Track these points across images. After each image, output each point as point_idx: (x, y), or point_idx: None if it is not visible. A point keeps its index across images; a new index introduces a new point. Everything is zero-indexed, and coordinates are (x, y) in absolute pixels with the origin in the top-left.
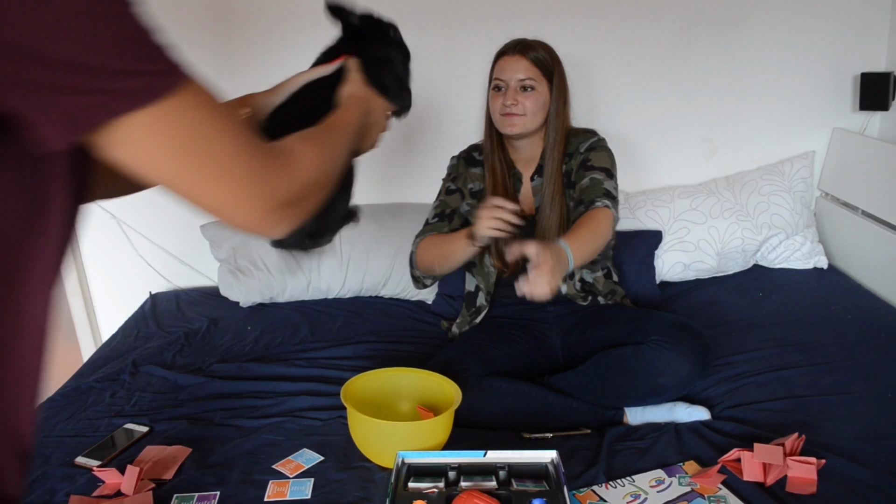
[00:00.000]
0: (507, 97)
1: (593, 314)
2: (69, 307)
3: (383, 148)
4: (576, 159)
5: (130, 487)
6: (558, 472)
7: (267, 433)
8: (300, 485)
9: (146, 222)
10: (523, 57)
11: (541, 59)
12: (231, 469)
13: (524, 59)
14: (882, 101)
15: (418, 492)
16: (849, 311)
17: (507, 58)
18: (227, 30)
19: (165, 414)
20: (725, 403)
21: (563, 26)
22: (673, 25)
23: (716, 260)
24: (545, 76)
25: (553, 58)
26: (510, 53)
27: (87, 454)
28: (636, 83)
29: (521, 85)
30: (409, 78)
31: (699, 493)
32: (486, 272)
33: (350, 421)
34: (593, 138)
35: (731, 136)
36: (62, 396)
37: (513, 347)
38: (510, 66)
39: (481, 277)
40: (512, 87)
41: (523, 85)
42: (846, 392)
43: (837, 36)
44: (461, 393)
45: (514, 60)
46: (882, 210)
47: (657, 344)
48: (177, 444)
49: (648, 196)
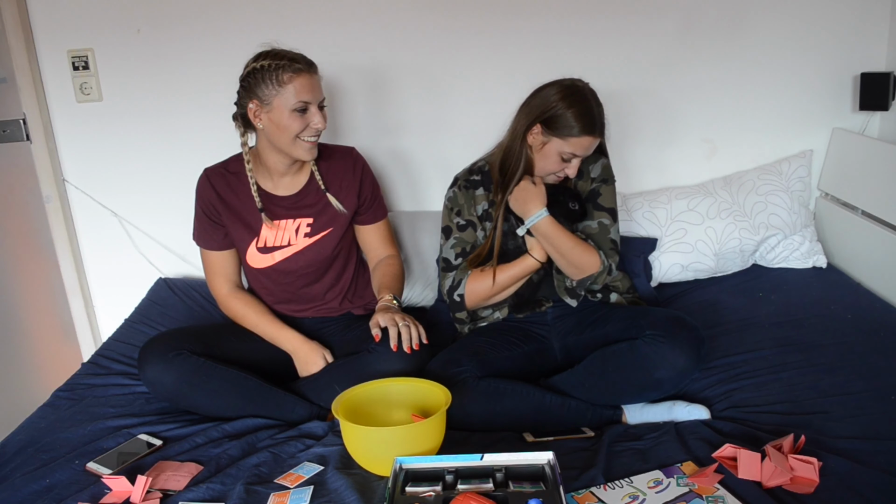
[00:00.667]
0: (570, 169)
1: (590, 315)
2: (69, 307)
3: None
4: (585, 182)
5: (139, 496)
6: (555, 473)
7: (270, 446)
8: (300, 493)
9: (147, 220)
10: (601, 137)
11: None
12: (235, 481)
13: (600, 139)
14: (882, 101)
15: (416, 496)
16: (848, 310)
17: (590, 140)
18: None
19: (171, 418)
20: (724, 403)
21: (563, 26)
22: (673, 25)
23: (714, 260)
24: None
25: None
26: (595, 135)
27: (99, 461)
28: (636, 83)
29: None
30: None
31: (697, 494)
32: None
33: (344, 433)
34: (603, 161)
35: (730, 137)
36: (62, 397)
37: (511, 350)
38: (591, 146)
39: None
40: (580, 160)
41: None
42: (846, 392)
43: (837, 36)
44: (451, 395)
45: (595, 142)
46: (882, 210)
47: (652, 338)
48: (189, 459)
49: (645, 197)
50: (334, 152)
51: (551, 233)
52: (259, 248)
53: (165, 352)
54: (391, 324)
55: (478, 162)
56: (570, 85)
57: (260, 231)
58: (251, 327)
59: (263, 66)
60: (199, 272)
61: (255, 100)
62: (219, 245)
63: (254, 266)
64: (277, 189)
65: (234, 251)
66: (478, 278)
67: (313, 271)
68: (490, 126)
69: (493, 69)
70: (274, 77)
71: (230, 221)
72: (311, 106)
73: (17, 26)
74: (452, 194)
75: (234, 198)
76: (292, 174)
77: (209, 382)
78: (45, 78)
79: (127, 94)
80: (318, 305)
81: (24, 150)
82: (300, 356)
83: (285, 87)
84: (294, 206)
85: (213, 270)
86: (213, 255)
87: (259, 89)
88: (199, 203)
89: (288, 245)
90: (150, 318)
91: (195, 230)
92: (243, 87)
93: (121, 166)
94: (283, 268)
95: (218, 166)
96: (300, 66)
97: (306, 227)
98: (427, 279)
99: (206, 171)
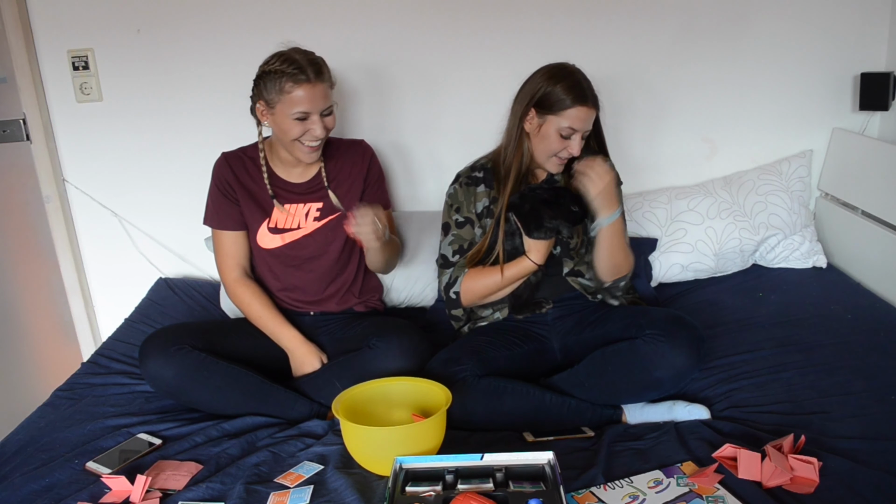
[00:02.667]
0: (573, 146)
1: (590, 314)
2: (69, 307)
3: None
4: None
5: (138, 496)
6: (555, 473)
7: (270, 445)
8: (300, 493)
9: (147, 220)
10: (595, 109)
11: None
12: (235, 480)
13: (596, 111)
14: (882, 101)
15: (416, 496)
16: (848, 310)
17: (584, 109)
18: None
19: (171, 416)
20: (724, 403)
21: (562, 26)
22: (673, 26)
23: (714, 261)
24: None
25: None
26: (588, 105)
27: (98, 460)
28: (636, 83)
29: (585, 134)
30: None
31: (697, 494)
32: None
33: (344, 432)
34: (609, 163)
35: (730, 137)
36: (62, 396)
37: (511, 349)
38: (586, 118)
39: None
40: (580, 136)
41: (585, 135)
42: (846, 392)
43: (837, 36)
44: (451, 394)
45: (590, 113)
46: (882, 210)
47: (651, 337)
48: (188, 459)
49: (645, 198)
50: (342, 146)
51: (616, 232)
52: (270, 229)
53: (167, 346)
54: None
55: (480, 159)
56: (555, 65)
57: (272, 213)
58: (254, 318)
59: (272, 70)
60: (199, 272)
61: (262, 101)
62: (233, 224)
63: (263, 247)
64: (290, 176)
65: (246, 234)
66: (474, 277)
67: (319, 254)
68: (492, 126)
69: (493, 69)
70: (278, 83)
71: (244, 201)
72: (312, 115)
73: (17, 26)
74: (453, 191)
75: (250, 180)
76: (304, 166)
77: (210, 378)
78: (45, 78)
79: (127, 94)
80: (321, 297)
81: (24, 150)
82: (297, 356)
83: (286, 95)
84: (305, 192)
85: (224, 252)
86: (226, 237)
87: (265, 92)
88: (216, 182)
89: (298, 228)
90: (150, 318)
91: (208, 211)
92: (255, 86)
93: (121, 166)
94: (291, 250)
95: (236, 150)
96: (304, 76)
97: (316, 212)
98: (427, 279)
99: (224, 153)
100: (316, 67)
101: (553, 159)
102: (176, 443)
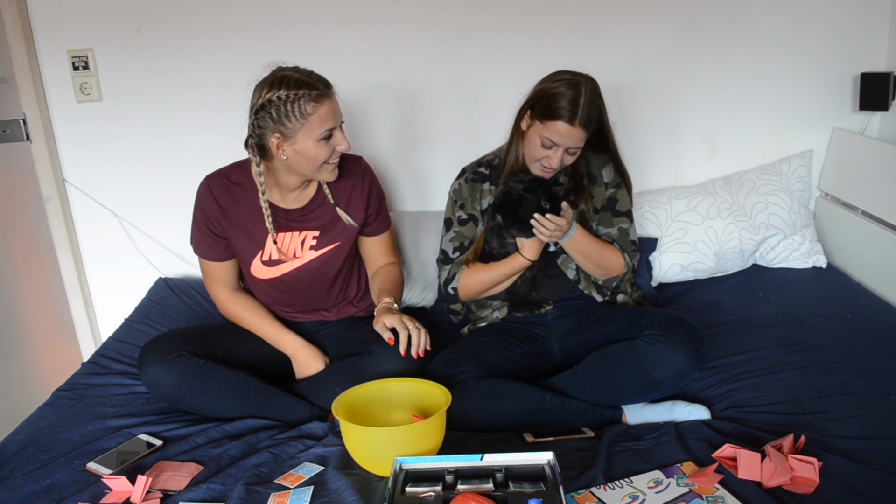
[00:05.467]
0: (552, 159)
1: (590, 315)
2: (69, 307)
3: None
4: (599, 186)
5: (139, 496)
6: (555, 473)
7: (271, 447)
8: (300, 493)
9: (147, 220)
10: (583, 130)
11: (592, 129)
12: (235, 481)
13: (583, 131)
14: (882, 101)
15: (416, 496)
16: (848, 310)
17: (566, 126)
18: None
19: (172, 417)
20: (724, 403)
21: (562, 26)
22: (673, 26)
23: (714, 261)
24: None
25: (600, 117)
26: (572, 123)
27: (99, 461)
28: (636, 83)
29: (568, 151)
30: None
31: (697, 494)
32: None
33: (344, 433)
34: (611, 165)
35: (730, 137)
36: (63, 396)
37: (511, 350)
38: (567, 135)
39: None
40: (561, 151)
41: (572, 151)
42: (846, 392)
43: (837, 36)
44: (451, 395)
45: (573, 132)
46: (882, 210)
47: (651, 338)
48: (189, 460)
49: (645, 198)
50: (343, 165)
51: (578, 245)
52: (264, 262)
53: (165, 353)
54: (400, 326)
55: (487, 155)
56: (568, 74)
57: (265, 244)
58: (251, 329)
59: (281, 98)
60: (199, 272)
61: (278, 133)
62: (219, 256)
63: (258, 277)
64: (285, 202)
65: (235, 261)
66: (471, 273)
67: (318, 283)
68: (494, 127)
69: (494, 70)
70: (296, 109)
71: (233, 234)
72: (336, 130)
73: (17, 26)
74: (458, 186)
75: (238, 210)
76: (301, 189)
77: (209, 384)
78: (45, 78)
79: (127, 94)
80: (321, 311)
81: (24, 150)
82: (300, 360)
83: (309, 118)
84: (301, 219)
85: (211, 278)
86: (212, 265)
87: (280, 123)
88: (200, 215)
89: (293, 258)
90: (150, 318)
91: (194, 238)
92: (259, 119)
93: (121, 166)
94: (288, 280)
95: (220, 175)
96: (319, 92)
97: (312, 240)
98: (427, 280)
99: (207, 179)
100: (321, 79)
101: (536, 164)
102: (177, 444)
